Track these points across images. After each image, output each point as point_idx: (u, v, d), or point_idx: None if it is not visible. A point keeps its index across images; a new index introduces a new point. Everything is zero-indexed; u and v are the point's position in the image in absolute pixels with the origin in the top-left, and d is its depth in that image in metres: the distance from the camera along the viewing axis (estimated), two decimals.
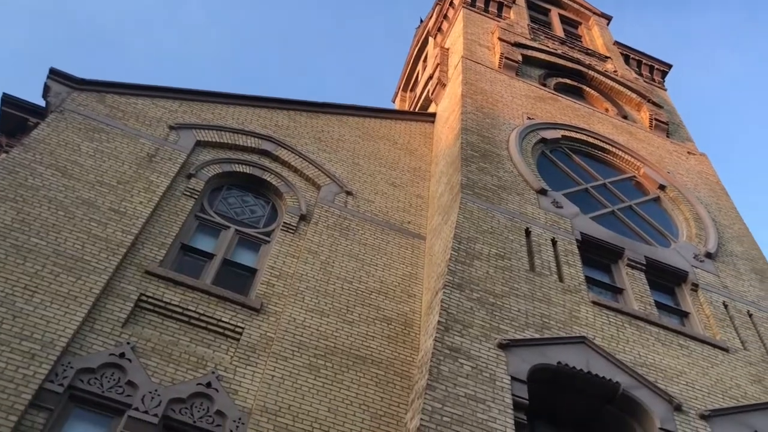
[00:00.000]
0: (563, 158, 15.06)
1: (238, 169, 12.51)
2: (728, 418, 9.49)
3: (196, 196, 11.45)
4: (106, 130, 11.69)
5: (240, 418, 8.29)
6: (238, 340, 9.37)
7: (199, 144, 12.51)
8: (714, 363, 10.59)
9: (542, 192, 12.84)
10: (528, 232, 11.68)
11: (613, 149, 15.94)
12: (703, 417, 9.36)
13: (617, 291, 11.73)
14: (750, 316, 12.14)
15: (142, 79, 61.04)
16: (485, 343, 9.03)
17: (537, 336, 9.52)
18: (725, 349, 10.95)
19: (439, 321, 9.05)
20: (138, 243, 10.03)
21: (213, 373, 8.71)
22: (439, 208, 12.84)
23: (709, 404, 9.69)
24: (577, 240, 12.02)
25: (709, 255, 13.19)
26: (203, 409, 8.30)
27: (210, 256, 10.69)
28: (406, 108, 25.08)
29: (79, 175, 10.55)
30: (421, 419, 7.57)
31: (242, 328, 9.49)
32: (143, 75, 67.47)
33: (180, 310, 9.36)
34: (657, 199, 15.06)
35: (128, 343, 8.59)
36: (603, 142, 16.00)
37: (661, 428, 8.88)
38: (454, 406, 7.90)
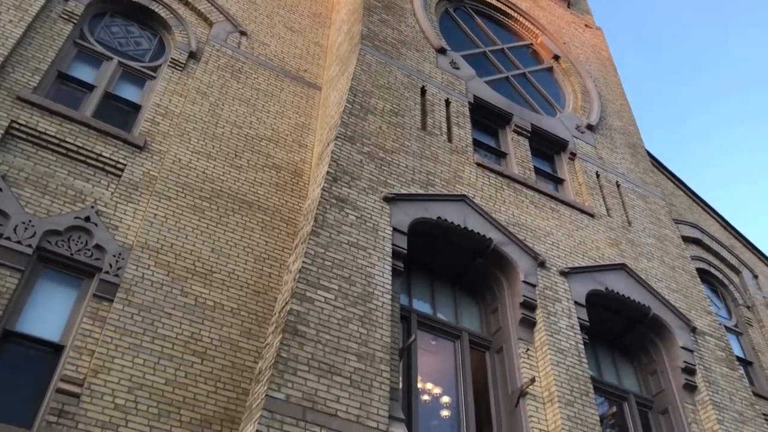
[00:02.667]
0: (466, 18, 14.93)
1: None
2: (584, 275, 10.43)
3: (75, 21, 10.56)
4: None
5: (120, 254, 8.23)
6: (119, 176, 9.08)
7: None
8: (579, 226, 11.45)
9: (441, 51, 12.80)
10: (423, 91, 11.74)
11: (515, 14, 15.95)
12: (562, 273, 10.22)
13: (501, 155, 12.20)
14: (618, 186, 13.07)
15: None
16: (371, 195, 9.25)
17: (421, 192, 9.85)
18: (591, 215, 11.83)
19: (328, 171, 9.13)
20: (8, 66, 9.25)
21: (92, 207, 8.49)
22: (337, 58, 12.55)
23: (570, 263, 10.58)
24: (469, 102, 12.23)
25: (590, 127, 13.86)
26: (81, 243, 8.15)
27: (90, 87, 10.07)
28: None
29: None
30: (304, 262, 7.81)
31: (124, 164, 9.19)
32: None
33: (56, 142, 8.89)
34: (550, 69, 15.40)
35: None
36: (506, 5, 15.93)
37: (524, 281, 9.64)
38: (336, 252, 8.18)
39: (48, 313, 7.68)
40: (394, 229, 9.04)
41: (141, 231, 8.57)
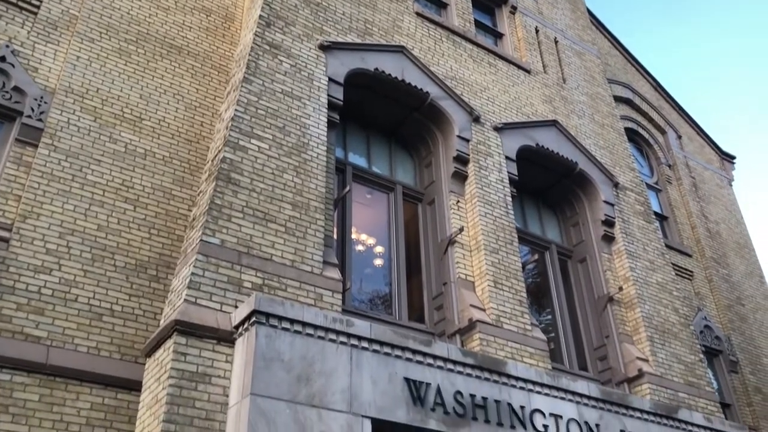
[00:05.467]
0: None
1: None
2: (517, 131, 10.62)
3: None
4: None
5: (42, 97, 7.85)
6: (36, 14, 8.47)
7: None
8: (515, 82, 11.49)
9: None
10: None
11: None
12: (496, 129, 10.37)
13: (442, 5, 11.88)
14: (556, 42, 13.04)
15: None
16: (306, 42, 8.96)
17: (358, 41, 9.60)
18: (528, 71, 11.86)
19: (260, 15, 8.74)
20: None
21: (7, 47, 7.96)
22: None
23: (504, 118, 10.72)
24: None
25: None
26: None
27: None
28: None
29: None
30: (236, 110, 7.65)
31: (40, 0, 8.54)
32: None
33: None
34: None
35: None
36: None
37: (458, 136, 9.76)
38: (269, 101, 8.02)
39: None
40: (330, 80, 8.87)
41: (63, 74, 8.15)
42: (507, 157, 10.21)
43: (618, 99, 15.90)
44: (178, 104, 8.89)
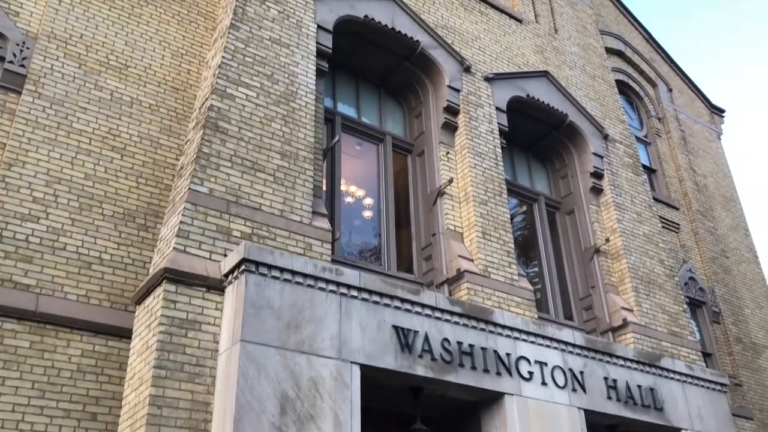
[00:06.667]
0: None
1: None
2: (508, 82, 10.54)
3: None
4: None
5: (24, 43, 7.68)
6: None
7: None
8: (507, 32, 11.35)
9: None
10: None
11: None
12: (487, 79, 10.28)
13: None
14: None
15: None
16: None
17: None
18: (519, 20, 11.70)
19: None
20: None
21: None
22: None
23: (495, 68, 10.61)
24: None
25: None
26: None
27: None
28: None
29: None
30: (223, 57, 7.53)
31: None
32: None
33: None
34: None
35: None
36: None
37: (449, 86, 9.68)
38: (257, 48, 7.89)
39: None
40: (319, 27, 8.72)
41: (45, 19, 7.96)
42: (497, 108, 10.15)
43: (609, 51, 15.76)
44: (165, 51, 8.73)
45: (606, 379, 8.16)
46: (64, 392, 6.34)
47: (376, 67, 9.82)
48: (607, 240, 10.48)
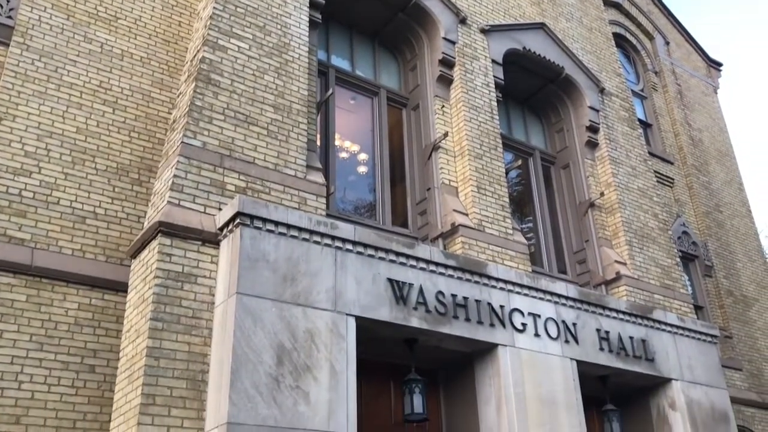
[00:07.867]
0: None
1: None
2: (504, 34, 10.40)
3: None
4: None
5: None
6: None
7: None
8: None
9: None
10: None
11: None
12: (483, 31, 10.14)
13: None
14: None
15: None
16: None
17: None
18: None
19: None
20: None
21: None
22: None
23: (491, 20, 10.46)
24: None
25: None
26: None
27: None
28: None
29: None
30: (214, 8, 7.38)
31: None
32: None
33: None
34: None
35: None
36: None
37: (444, 37, 9.55)
38: None
39: None
40: None
41: None
42: (493, 61, 10.04)
43: (607, 3, 15.51)
44: (155, 2, 8.57)
45: (598, 330, 8.26)
46: (62, 345, 6.39)
47: (370, 18, 9.66)
48: (602, 194, 10.49)
